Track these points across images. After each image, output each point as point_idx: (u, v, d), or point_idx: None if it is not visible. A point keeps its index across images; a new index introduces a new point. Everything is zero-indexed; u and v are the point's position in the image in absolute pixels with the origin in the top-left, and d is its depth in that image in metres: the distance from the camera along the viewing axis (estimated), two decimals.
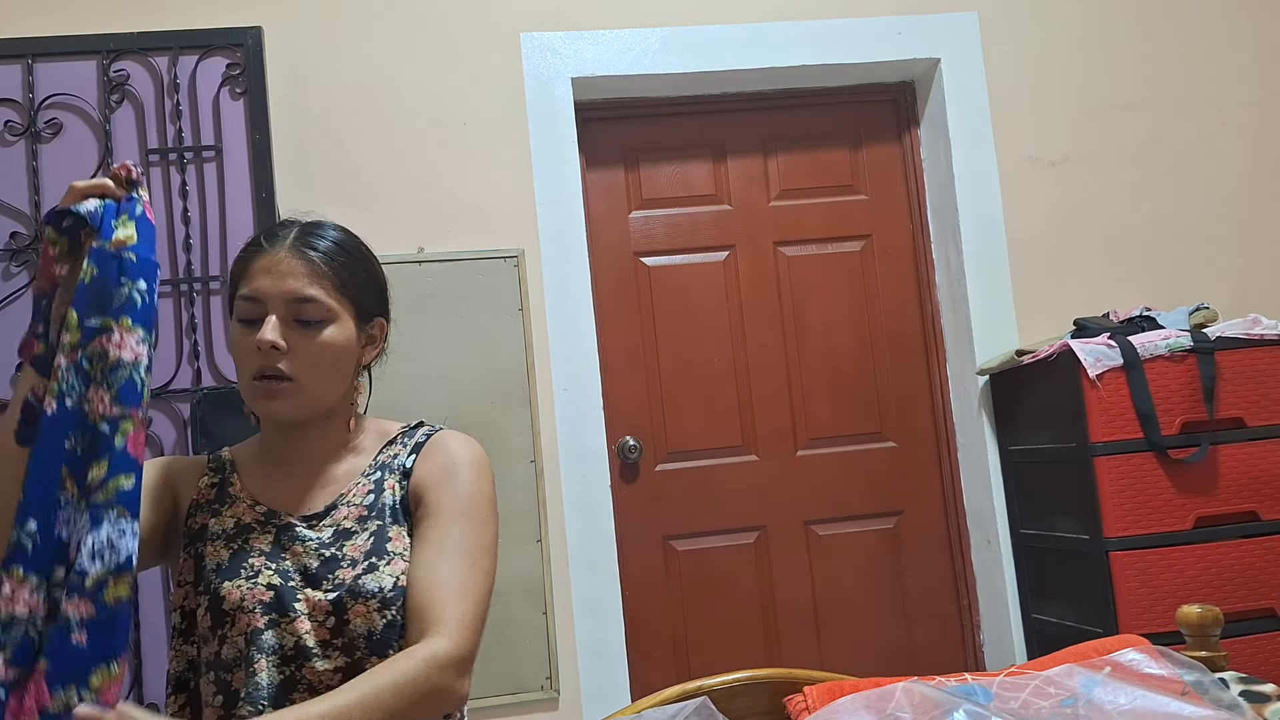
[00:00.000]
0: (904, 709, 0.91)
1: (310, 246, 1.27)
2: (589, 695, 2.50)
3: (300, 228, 1.30)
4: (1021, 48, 2.83)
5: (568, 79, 2.66)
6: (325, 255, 1.27)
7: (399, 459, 1.31)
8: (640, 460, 2.77)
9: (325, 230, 1.31)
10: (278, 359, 1.22)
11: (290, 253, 1.25)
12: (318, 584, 1.20)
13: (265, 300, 1.23)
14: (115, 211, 1.12)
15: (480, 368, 2.54)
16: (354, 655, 1.18)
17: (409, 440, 1.34)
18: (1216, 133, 2.87)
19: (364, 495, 1.28)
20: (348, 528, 1.25)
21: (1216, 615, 1.11)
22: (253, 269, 1.25)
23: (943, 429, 2.87)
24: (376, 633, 1.19)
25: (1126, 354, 2.32)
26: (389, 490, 1.28)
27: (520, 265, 2.58)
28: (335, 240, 1.30)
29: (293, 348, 1.23)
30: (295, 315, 1.24)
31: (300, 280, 1.24)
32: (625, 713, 1.03)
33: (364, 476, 1.30)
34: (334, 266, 1.27)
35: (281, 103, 2.54)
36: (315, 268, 1.25)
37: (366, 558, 1.22)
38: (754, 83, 2.84)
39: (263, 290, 1.23)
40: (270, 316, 1.22)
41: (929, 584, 2.85)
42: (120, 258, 1.10)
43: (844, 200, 2.93)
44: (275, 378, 1.22)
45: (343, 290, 1.27)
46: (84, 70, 2.44)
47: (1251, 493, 2.33)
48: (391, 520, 1.26)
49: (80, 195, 1.11)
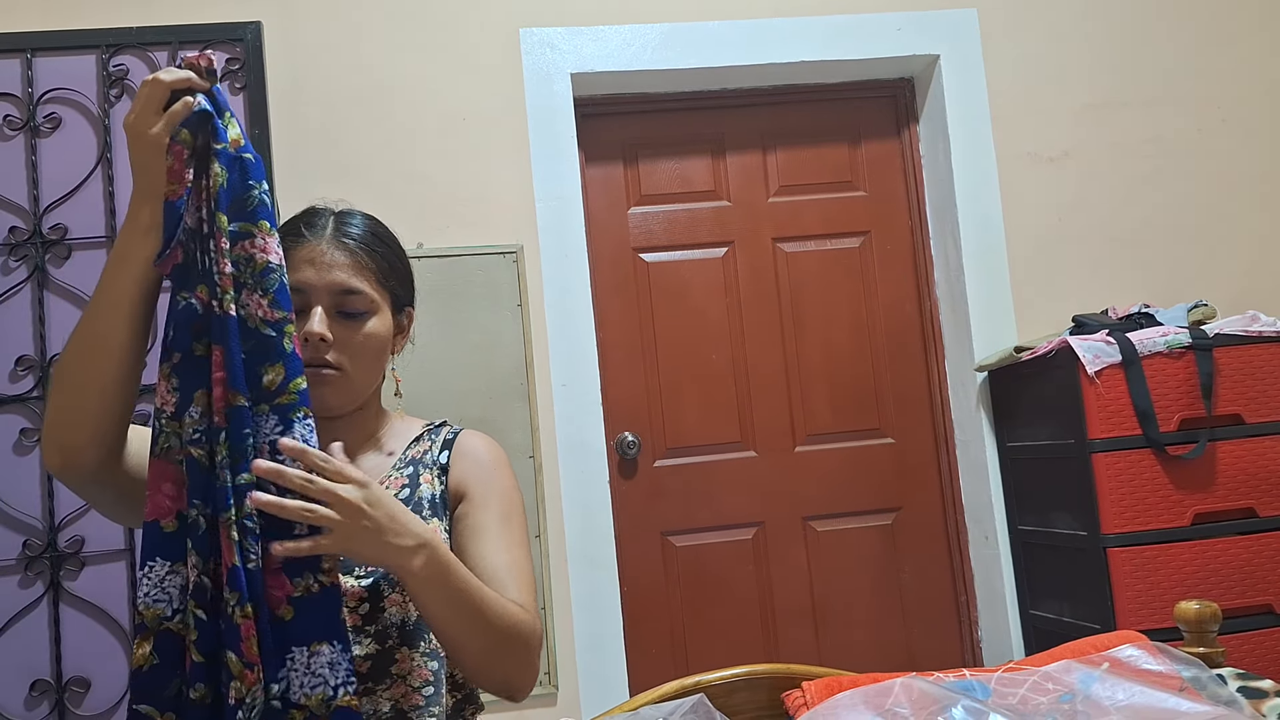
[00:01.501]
0: (902, 704, 0.91)
1: (350, 237, 1.26)
2: (587, 691, 2.50)
3: (336, 217, 1.29)
4: (1021, 44, 2.83)
5: (567, 74, 2.66)
6: (365, 246, 1.27)
7: (431, 454, 1.32)
8: (639, 456, 2.77)
9: (358, 219, 1.30)
10: (325, 350, 1.22)
11: (332, 243, 1.24)
12: (349, 569, 1.19)
13: (310, 292, 1.22)
14: (219, 108, 1.07)
15: (479, 363, 2.54)
16: (385, 643, 1.18)
17: (436, 437, 1.34)
18: (1216, 130, 2.87)
19: (398, 488, 1.28)
20: None
21: (1215, 611, 1.11)
22: (295, 259, 1.23)
23: (941, 425, 2.88)
24: (410, 622, 1.20)
25: (1125, 351, 2.32)
26: (425, 484, 1.28)
27: (519, 261, 2.58)
28: (371, 230, 1.30)
29: (338, 339, 1.23)
30: (339, 306, 1.23)
31: (345, 272, 1.24)
32: (623, 708, 1.03)
33: (395, 470, 1.30)
34: (375, 257, 1.27)
35: (281, 98, 2.54)
36: (358, 259, 1.25)
37: None
38: (753, 79, 2.84)
39: (307, 282, 1.22)
40: (316, 308, 1.21)
41: (927, 580, 2.85)
42: (241, 159, 1.07)
43: (843, 196, 2.93)
44: (322, 366, 1.22)
45: (383, 281, 1.28)
46: (83, 65, 2.43)
47: (1249, 489, 2.33)
48: (431, 513, 1.26)
49: (168, 88, 1.04)
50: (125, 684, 2.31)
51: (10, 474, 2.32)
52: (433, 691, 1.20)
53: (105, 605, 2.33)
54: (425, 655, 1.20)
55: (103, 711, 2.31)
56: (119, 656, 2.33)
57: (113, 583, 2.34)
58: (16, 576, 2.31)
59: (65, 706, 2.30)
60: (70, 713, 2.30)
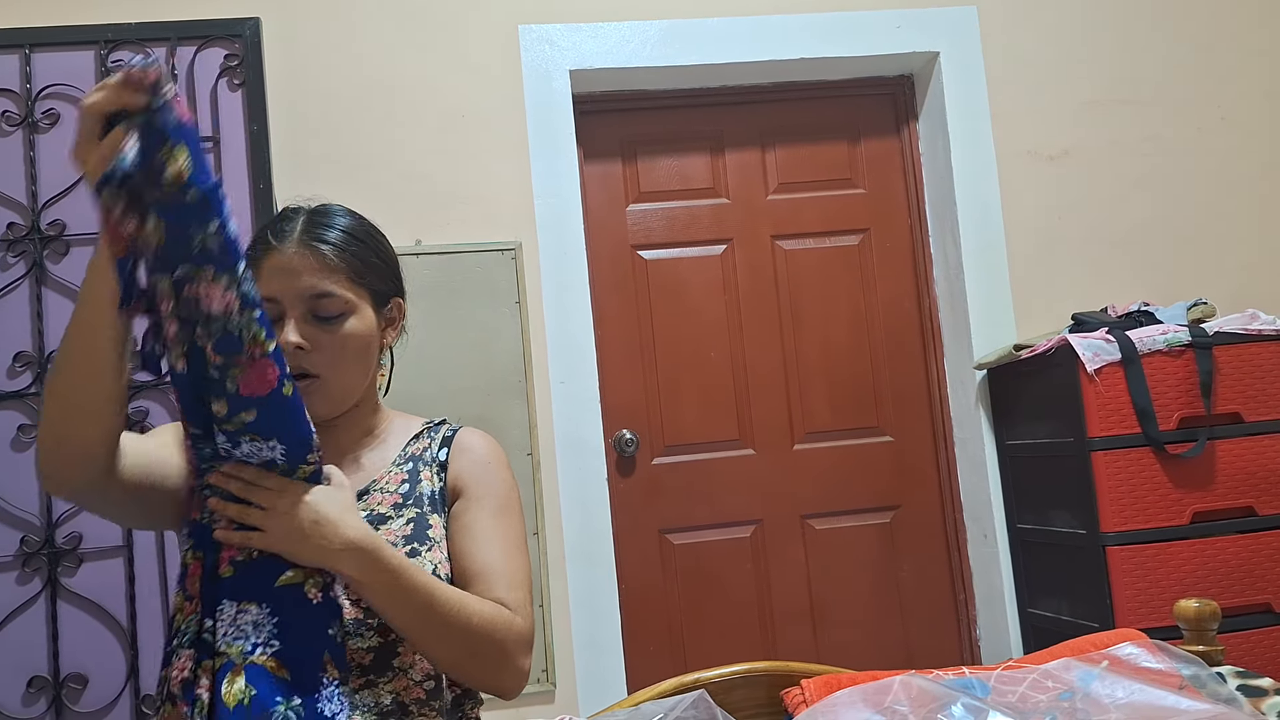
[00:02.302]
0: (901, 702, 0.91)
1: (320, 239, 1.24)
2: (585, 688, 2.50)
3: (306, 218, 1.26)
4: (1021, 42, 2.83)
5: (566, 71, 2.65)
6: (336, 246, 1.24)
7: (430, 451, 1.32)
8: (637, 454, 2.76)
9: (332, 217, 1.28)
10: (302, 358, 1.21)
11: (300, 247, 1.22)
12: None
13: (282, 300, 1.21)
14: (157, 138, 0.94)
15: (477, 361, 2.54)
16: (388, 637, 1.18)
17: (435, 434, 1.35)
18: (1215, 128, 2.87)
19: (398, 484, 1.28)
20: (382, 513, 1.25)
21: (1214, 610, 1.11)
22: (264, 269, 1.22)
23: (940, 423, 2.87)
24: None
25: (1125, 349, 2.32)
26: (425, 480, 1.29)
27: (518, 258, 2.58)
28: (344, 228, 1.27)
29: (315, 344, 1.22)
30: (314, 311, 1.22)
31: (314, 276, 1.22)
32: (623, 705, 1.03)
33: (395, 466, 1.30)
34: (346, 256, 1.25)
35: (279, 94, 2.53)
36: (328, 260, 1.23)
37: (408, 542, 1.22)
38: (752, 76, 2.84)
39: (278, 291, 1.21)
40: (290, 318, 1.20)
41: (925, 578, 2.85)
42: (183, 200, 0.96)
43: (842, 194, 2.92)
44: (301, 376, 1.21)
45: (358, 279, 1.26)
46: (82, 60, 2.43)
47: (1249, 488, 2.33)
48: (431, 509, 1.26)
49: (99, 115, 0.94)
50: (123, 680, 2.31)
51: (8, 470, 2.32)
52: (434, 685, 1.20)
53: (103, 602, 2.32)
54: None
55: (100, 708, 2.31)
56: (116, 653, 2.32)
57: (111, 579, 2.33)
58: (14, 573, 2.31)
59: (63, 703, 2.29)
60: (68, 710, 2.30)
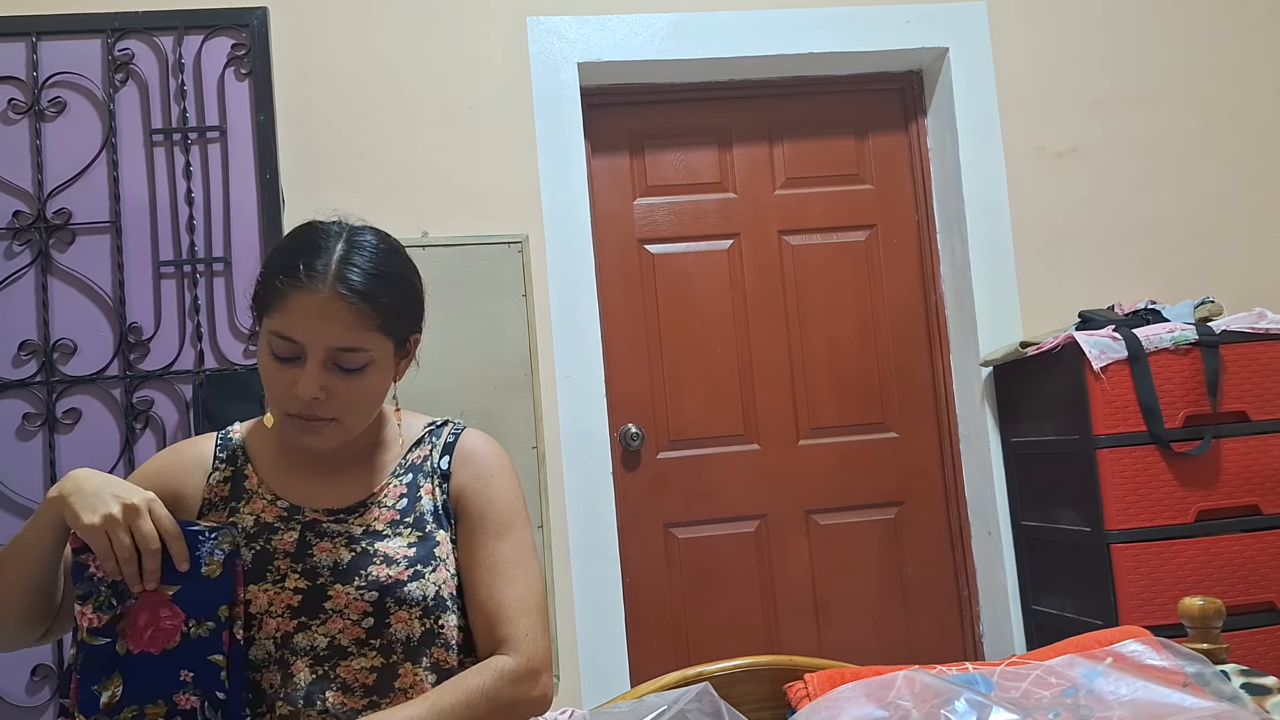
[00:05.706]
0: (904, 697, 0.91)
1: (354, 288, 1.15)
2: (589, 681, 2.50)
3: (340, 256, 1.17)
4: (1030, 38, 2.82)
5: (574, 64, 2.65)
6: (369, 294, 1.16)
7: (431, 460, 1.29)
8: (642, 448, 2.76)
9: (367, 253, 1.19)
10: (317, 406, 1.17)
11: (332, 294, 1.14)
12: (349, 579, 1.18)
13: (305, 345, 1.15)
14: None
15: (483, 353, 2.54)
16: (390, 658, 1.18)
17: (437, 439, 1.32)
18: (1224, 126, 2.86)
19: (396, 498, 1.26)
20: (379, 530, 1.23)
21: (1219, 607, 1.11)
22: (290, 303, 1.15)
23: (945, 420, 2.87)
24: (415, 639, 1.19)
25: (1131, 346, 2.31)
26: (426, 495, 1.27)
27: (524, 251, 2.57)
28: (380, 271, 1.19)
29: (332, 392, 1.17)
30: (337, 362, 1.17)
31: (344, 329, 1.15)
32: (626, 697, 1.03)
33: (394, 478, 1.28)
34: (381, 307, 1.17)
35: (286, 84, 2.53)
36: (360, 311, 1.15)
37: (411, 564, 1.20)
38: (760, 70, 2.83)
39: (301, 335, 1.15)
40: (310, 364, 1.15)
41: (929, 574, 2.85)
42: None
43: (849, 189, 2.92)
44: (313, 419, 1.18)
45: (387, 328, 1.19)
46: (88, 49, 2.42)
47: (1253, 486, 2.32)
48: (435, 525, 1.25)
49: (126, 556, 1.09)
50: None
51: (13, 459, 2.32)
52: None
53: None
54: (428, 670, 1.20)
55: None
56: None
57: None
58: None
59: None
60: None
